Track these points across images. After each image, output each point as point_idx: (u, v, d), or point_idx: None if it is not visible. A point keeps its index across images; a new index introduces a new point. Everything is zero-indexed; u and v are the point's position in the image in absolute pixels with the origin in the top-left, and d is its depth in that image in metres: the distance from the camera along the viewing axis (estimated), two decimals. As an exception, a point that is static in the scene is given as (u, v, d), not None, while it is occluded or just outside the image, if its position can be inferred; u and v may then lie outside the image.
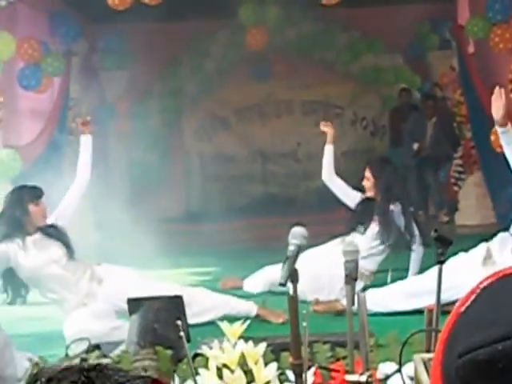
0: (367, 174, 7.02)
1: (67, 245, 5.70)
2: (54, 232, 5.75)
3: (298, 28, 12.21)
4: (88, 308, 5.49)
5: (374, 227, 6.78)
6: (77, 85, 10.90)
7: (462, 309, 0.91)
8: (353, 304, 3.35)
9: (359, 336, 3.50)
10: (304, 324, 3.00)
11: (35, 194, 5.76)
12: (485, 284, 0.93)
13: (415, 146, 11.09)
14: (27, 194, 5.73)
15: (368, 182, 7.02)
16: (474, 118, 10.15)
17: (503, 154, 8.19)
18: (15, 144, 9.17)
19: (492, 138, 8.44)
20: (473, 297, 0.92)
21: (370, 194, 6.97)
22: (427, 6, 11.91)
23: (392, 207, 6.77)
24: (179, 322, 3.33)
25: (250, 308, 5.89)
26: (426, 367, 2.56)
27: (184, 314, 4.44)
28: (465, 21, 10.35)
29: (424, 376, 2.47)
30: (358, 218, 6.96)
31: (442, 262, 3.40)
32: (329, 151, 7.38)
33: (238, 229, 9.73)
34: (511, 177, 8.44)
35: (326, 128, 7.46)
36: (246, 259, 8.14)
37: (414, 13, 12.00)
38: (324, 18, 12.09)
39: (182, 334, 3.29)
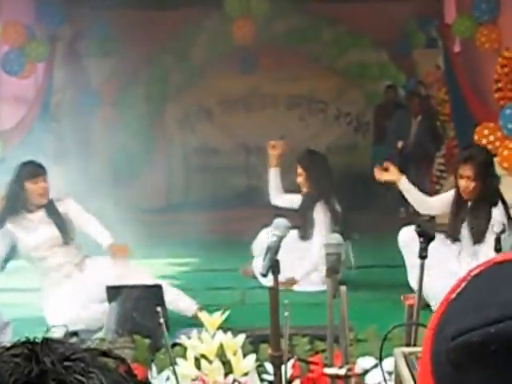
0: (299, 170, 6.94)
1: (63, 229, 5.70)
2: (55, 213, 5.75)
3: (285, 21, 12.18)
4: (69, 293, 5.47)
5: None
6: (61, 71, 10.82)
7: (453, 295, 0.92)
8: (334, 297, 3.34)
9: (339, 329, 3.50)
10: (286, 314, 2.99)
11: (33, 171, 5.72)
12: (476, 272, 0.93)
13: (399, 144, 11.08)
14: (24, 172, 5.70)
15: (300, 178, 6.97)
16: (458, 116, 10.17)
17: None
18: (-3, 129, 9.10)
19: (475, 137, 8.45)
20: (463, 284, 0.92)
21: (304, 189, 6.89)
22: (414, 4, 11.93)
23: (319, 203, 6.75)
24: (159, 309, 3.31)
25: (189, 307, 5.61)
26: (406, 361, 2.55)
27: (163, 303, 4.42)
28: (451, 20, 10.36)
29: (405, 370, 2.46)
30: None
31: (423, 257, 3.39)
32: (273, 175, 7.18)
33: (219, 220, 9.70)
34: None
35: (273, 150, 7.26)
36: (227, 250, 8.13)
37: (401, 10, 12.02)
38: (311, 11, 12.08)
39: (161, 320, 3.27)
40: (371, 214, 10.74)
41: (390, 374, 3.74)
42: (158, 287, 4.55)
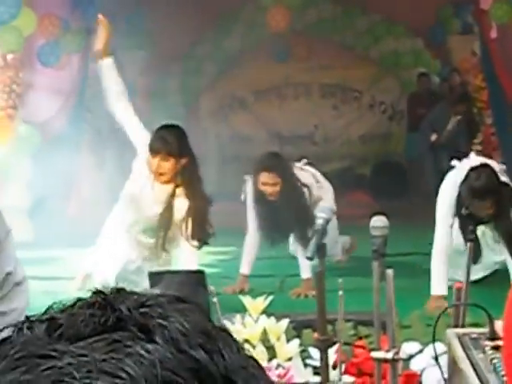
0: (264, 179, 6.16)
1: None
2: None
3: (319, 10, 12.15)
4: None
5: None
6: (96, 62, 10.85)
7: None
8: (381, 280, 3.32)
9: (385, 313, 3.47)
10: (340, 293, 2.97)
11: None
12: None
13: (433, 136, 10.95)
14: None
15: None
16: (495, 103, 10.08)
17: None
18: (34, 120, 9.16)
19: (514, 123, 8.36)
20: None
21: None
22: (449, -11, 11.82)
23: None
24: (212, 288, 3.30)
25: None
26: (460, 341, 2.52)
27: (206, 289, 4.41)
28: (488, 5, 10.23)
29: (459, 350, 2.44)
30: None
31: (471, 240, 3.36)
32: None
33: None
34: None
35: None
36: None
37: (435, -4, 11.90)
38: (345, 0, 12.04)
39: (215, 299, 3.27)
40: (406, 201, 10.68)
41: (435, 359, 3.70)
42: (201, 273, 4.55)
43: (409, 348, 4.31)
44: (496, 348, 2.46)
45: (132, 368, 0.56)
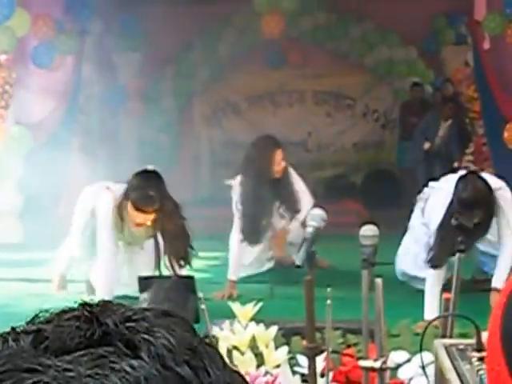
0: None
1: None
2: None
3: (313, 17, 12.17)
4: None
5: None
6: (90, 65, 10.86)
7: None
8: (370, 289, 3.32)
9: (374, 322, 3.48)
10: (328, 302, 2.97)
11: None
12: None
13: (426, 145, 10.97)
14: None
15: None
16: (487, 114, 10.11)
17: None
18: (26, 121, 9.14)
19: (505, 134, 8.39)
20: None
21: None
22: (443, 0, 11.86)
23: None
24: (201, 295, 3.30)
25: None
26: (447, 352, 2.53)
27: (195, 295, 4.41)
28: (481, 16, 10.29)
29: (446, 361, 2.44)
30: None
31: (461, 251, 3.37)
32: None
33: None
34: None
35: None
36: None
37: (429, 6, 11.94)
38: (339, 8, 12.05)
39: (203, 306, 3.26)
40: (398, 210, 10.68)
41: (422, 368, 3.71)
42: (191, 278, 4.55)
43: (397, 357, 4.30)
44: (482, 359, 2.47)
45: None
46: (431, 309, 4.68)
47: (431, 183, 5.69)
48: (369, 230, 3.42)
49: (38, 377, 0.55)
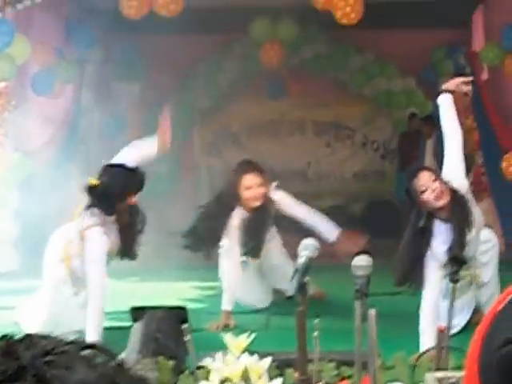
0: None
1: None
2: None
3: (313, 47, 12.21)
4: None
5: None
6: (89, 93, 10.87)
7: (500, 307, 0.90)
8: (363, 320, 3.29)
9: (367, 354, 3.44)
10: (315, 334, 2.93)
11: None
12: None
13: None
14: None
15: None
16: (486, 144, 10.12)
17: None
18: (25, 148, 9.14)
19: (503, 164, 8.38)
20: (510, 297, 0.90)
21: None
22: (442, 32, 11.91)
23: None
24: (185, 326, 3.26)
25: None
26: (438, 386, 2.49)
27: (187, 325, 4.37)
28: (479, 47, 10.35)
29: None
30: None
31: (455, 281, 3.33)
32: None
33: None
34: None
35: None
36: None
37: (428, 37, 12.00)
38: (339, 38, 12.08)
39: (188, 337, 3.22)
40: (397, 240, 10.63)
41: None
42: (183, 309, 4.51)
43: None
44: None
45: None
46: (427, 340, 4.58)
47: None
48: (362, 260, 3.39)
49: None
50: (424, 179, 5.01)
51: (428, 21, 11.38)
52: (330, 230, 6.12)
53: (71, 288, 5.53)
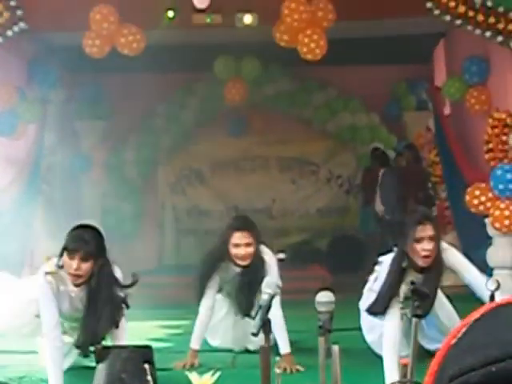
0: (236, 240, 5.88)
1: None
2: None
3: (276, 84, 12.29)
4: None
5: None
6: (52, 133, 10.83)
7: (453, 341, 0.89)
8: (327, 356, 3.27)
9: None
10: (277, 371, 2.91)
11: None
12: (476, 316, 0.90)
13: (381, 209, 11.04)
14: None
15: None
16: (449, 178, 10.20)
17: (477, 215, 8.22)
18: (-14, 190, 9.06)
19: (467, 197, 8.45)
20: (464, 329, 0.90)
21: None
22: (404, 67, 12.08)
23: None
24: (146, 366, 3.22)
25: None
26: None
27: (153, 364, 4.32)
28: (441, 82, 10.48)
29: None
30: None
31: (418, 316, 3.33)
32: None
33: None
34: (485, 237, 8.48)
35: None
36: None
37: (391, 73, 12.17)
38: (301, 75, 12.19)
39: (149, 377, 3.18)
40: (360, 275, 10.66)
41: None
42: (148, 348, 4.46)
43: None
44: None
45: None
46: (391, 375, 4.54)
47: (380, 258, 5.58)
48: (324, 297, 3.38)
49: None
50: (426, 233, 4.89)
51: (391, 57, 11.56)
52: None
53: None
